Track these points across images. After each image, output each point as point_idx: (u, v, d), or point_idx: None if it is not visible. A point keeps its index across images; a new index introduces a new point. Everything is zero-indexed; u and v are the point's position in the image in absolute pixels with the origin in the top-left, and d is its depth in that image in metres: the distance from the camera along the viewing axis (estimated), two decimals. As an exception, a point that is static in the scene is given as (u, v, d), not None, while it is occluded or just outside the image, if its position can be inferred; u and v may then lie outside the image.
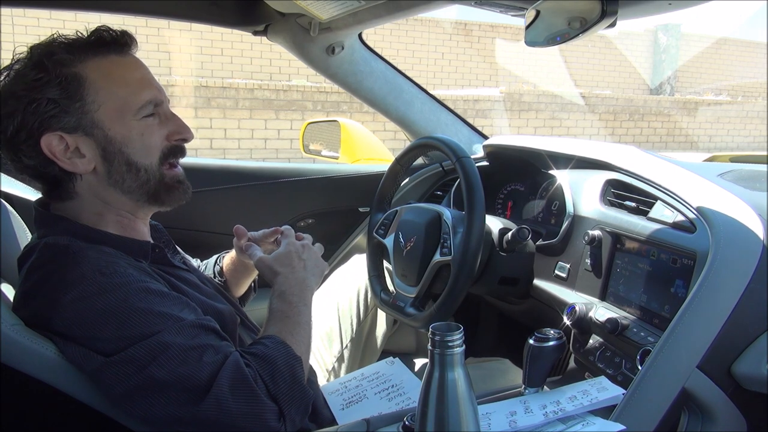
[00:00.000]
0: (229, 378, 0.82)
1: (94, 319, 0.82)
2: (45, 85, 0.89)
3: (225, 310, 1.02)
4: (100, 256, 0.88)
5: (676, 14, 4.29)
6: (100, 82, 0.91)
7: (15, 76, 0.90)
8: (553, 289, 1.25)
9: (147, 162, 0.95)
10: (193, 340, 0.84)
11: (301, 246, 1.12)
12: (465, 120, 1.93)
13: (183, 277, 1.02)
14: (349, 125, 2.13)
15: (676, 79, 12.77)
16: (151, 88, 0.96)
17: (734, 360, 0.87)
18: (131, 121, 0.93)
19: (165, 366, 0.80)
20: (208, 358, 0.83)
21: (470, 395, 0.65)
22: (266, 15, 1.60)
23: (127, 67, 0.95)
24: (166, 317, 0.84)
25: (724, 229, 0.92)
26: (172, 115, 0.99)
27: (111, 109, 0.92)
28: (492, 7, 1.15)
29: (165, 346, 0.81)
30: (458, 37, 10.75)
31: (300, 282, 1.06)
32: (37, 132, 0.89)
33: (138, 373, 0.80)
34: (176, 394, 0.80)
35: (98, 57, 0.93)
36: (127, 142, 0.93)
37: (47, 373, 0.83)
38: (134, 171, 0.94)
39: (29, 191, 1.49)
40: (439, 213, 1.30)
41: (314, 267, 1.11)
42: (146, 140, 0.94)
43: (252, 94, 7.39)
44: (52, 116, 0.89)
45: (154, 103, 0.96)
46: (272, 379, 0.86)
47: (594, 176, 1.28)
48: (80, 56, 0.91)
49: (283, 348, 0.91)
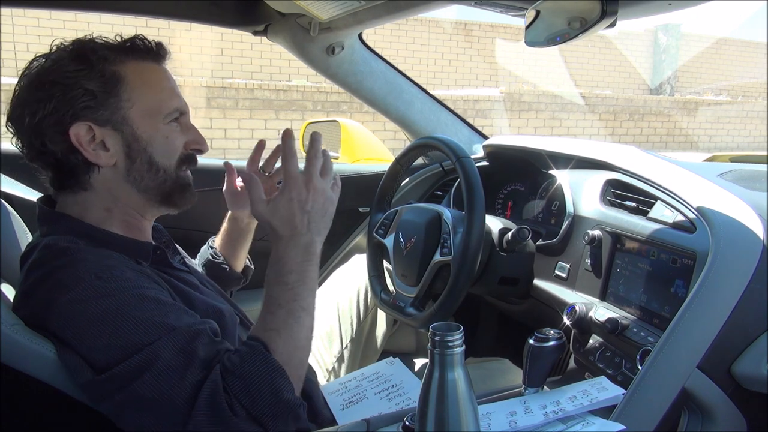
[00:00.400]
0: (207, 408, 0.79)
1: (87, 324, 0.82)
2: (86, 77, 0.93)
3: (225, 309, 1.02)
4: (98, 260, 0.88)
5: (676, 14, 4.29)
6: (136, 83, 0.96)
7: (52, 64, 0.93)
8: (553, 289, 1.25)
9: (167, 163, 0.99)
10: (182, 353, 0.82)
11: (306, 191, 0.92)
12: (465, 120, 1.93)
13: (183, 278, 1.02)
14: (349, 125, 2.14)
15: (676, 79, 12.78)
16: (179, 98, 1.02)
17: (734, 360, 0.87)
18: (159, 124, 0.98)
19: (150, 385, 0.79)
20: (191, 377, 0.81)
21: (470, 395, 0.65)
22: (266, 15, 1.60)
23: (160, 75, 1.01)
24: (159, 326, 0.83)
25: (724, 229, 0.92)
26: (192, 126, 1.05)
27: (142, 109, 0.96)
28: (492, 7, 1.15)
29: (152, 361, 0.80)
30: (458, 37, 10.75)
31: (303, 249, 0.91)
32: (69, 120, 0.92)
33: (124, 389, 0.79)
34: (159, 416, 0.79)
35: (137, 60, 0.98)
36: (152, 141, 0.97)
37: (47, 373, 0.83)
38: (154, 170, 0.98)
39: (29, 191, 1.49)
40: (439, 213, 1.30)
41: (320, 218, 0.93)
42: (170, 143, 0.99)
43: (252, 94, 7.39)
44: (87, 107, 0.92)
45: (180, 112, 1.01)
46: (251, 402, 0.80)
47: (594, 176, 1.29)
48: (121, 57, 0.97)
49: (262, 360, 0.83)
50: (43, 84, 0.92)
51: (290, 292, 0.89)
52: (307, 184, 0.92)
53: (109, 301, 0.83)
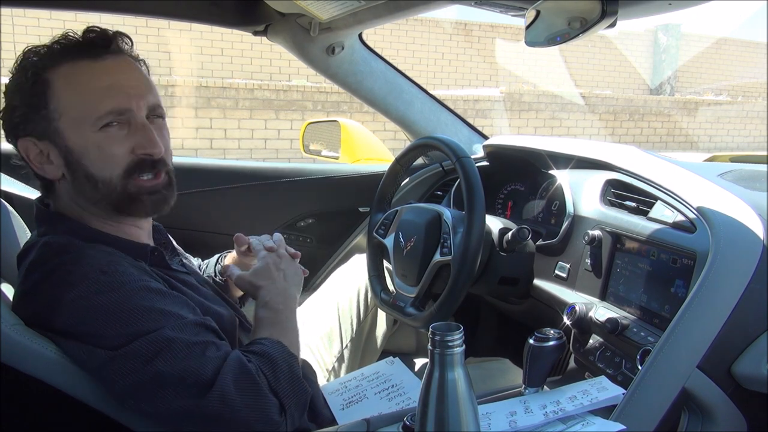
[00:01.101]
0: (233, 372, 0.82)
1: (97, 317, 0.82)
2: (19, 90, 0.89)
3: (224, 312, 1.02)
4: (100, 255, 0.88)
5: (676, 14, 4.29)
6: (62, 90, 0.88)
7: (11, 75, 0.92)
8: (553, 289, 1.25)
9: (106, 175, 0.90)
10: (196, 337, 0.84)
11: (278, 257, 1.11)
12: (465, 120, 1.93)
13: (182, 279, 1.02)
14: (349, 125, 2.13)
15: (676, 79, 12.77)
16: (118, 96, 0.89)
17: (734, 360, 0.87)
18: (88, 132, 0.88)
19: (169, 360, 0.80)
20: (211, 353, 0.83)
21: (470, 395, 0.65)
22: (266, 15, 1.60)
23: (93, 73, 0.89)
24: (168, 315, 0.84)
25: (724, 229, 0.92)
26: (142, 127, 0.91)
27: (70, 118, 0.88)
28: (492, 7, 1.15)
29: (169, 341, 0.81)
30: (458, 37, 10.74)
31: (282, 291, 1.06)
32: (15, 134, 0.91)
33: (143, 368, 0.80)
34: (181, 388, 0.80)
35: (69, 62, 0.89)
36: (85, 153, 0.89)
37: (47, 373, 0.83)
38: (92, 183, 0.90)
39: (29, 191, 1.49)
40: (439, 213, 1.30)
41: (293, 275, 1.11)
42: (105, 153, 0.89)
43: (252, 94, 7.39)
44: (21, 122, 0.90)
45: (118, 113, 0.89)
46: (273, 375, 0.87)
47: (594, 176, 1.29)
48: (53, 61, 0.89)
49: (280, 346, 0.93)
50: (2, 97, 0.92)
51: (280, 315, 1.01)
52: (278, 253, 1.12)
53: (115, 294, 0.83)
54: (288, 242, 1.20)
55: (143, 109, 0.92)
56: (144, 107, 0.92)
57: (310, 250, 1.89)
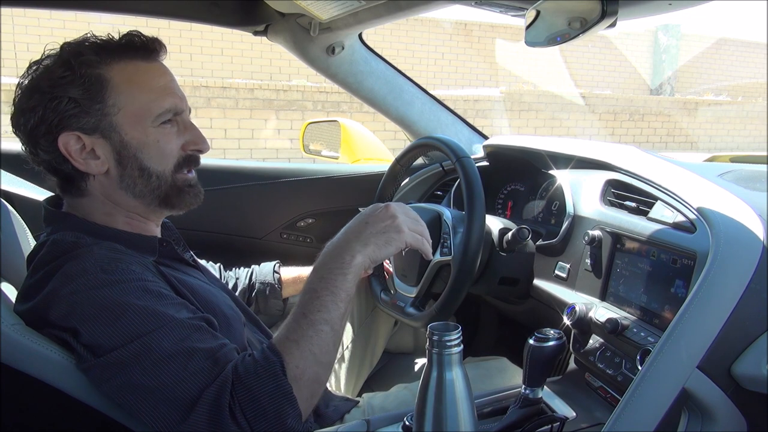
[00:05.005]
0: (209, 407, 0.78)
1: (88, 311, 0.82)
2: (69, 84, 0.90)
3: (229, 309, 1.02)
4: (105, 253, 0.88)
5: (676, 14, 4.29)
6: (123, 86, 0.92)
7: (43, 71, 0.92)
8: (553, 289, 1.25)
9: (160, 169, 0.96)
10: (183, 343, 0.82)
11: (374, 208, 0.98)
12: (465, 120, 1.93)
13: (190, 273, 1.03)
14: (349, 125, 2.13)
15: (676, 79, 12.76)
16: (173, 96, 0.96)
17: (734, 360, 0.87)
18: (149, 128, 0.94)
19: (149, 371, 0.79)
20: (195, 365, 0.80)
21: (468, 395, 0.65)
22: (266, 15, 1.60)
23: (151, 74, 0.95)
24: (160, 316, 0.83)
25: (724, 229, 0.92)
26: (191, 125, 1.00)
27: (130, 113, 0.92)
28: (492, 7, 1.15)
29: (151, 350, 0.79)
30: (458, 37, 10.74)
31: (338, 253, 0.91)
32: (56, 129, 0.91)
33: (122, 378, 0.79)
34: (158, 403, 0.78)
35: (124, 61, 0.93)
36: (143, 147, 0.94)
37: (47, 373, 0.83)
38: (146, 176, 0.95)
39: (29, 191, 1.49)
40: (439, 213, 1.30)
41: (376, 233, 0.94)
42: (162, 147, 0.95)
43: (252, 94, 7.39)
44: (71, 115, 0.90)
45: (174, 112, 0.96)
46: (255, 416, 0.79)
47: (594, 176, 1.28)
48: (106, 59, 0.92)
49: (274, 380, 0.81)
50: (32, 92, 0.91)
51: (316, 302, 0.88)
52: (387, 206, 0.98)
53: (110, 291, 0.83)
54: (288, 242, 1.20)
55: (187, 111, 1.00)
56: (186, 109, 1.00)
57: (310, 250, 1.89)
